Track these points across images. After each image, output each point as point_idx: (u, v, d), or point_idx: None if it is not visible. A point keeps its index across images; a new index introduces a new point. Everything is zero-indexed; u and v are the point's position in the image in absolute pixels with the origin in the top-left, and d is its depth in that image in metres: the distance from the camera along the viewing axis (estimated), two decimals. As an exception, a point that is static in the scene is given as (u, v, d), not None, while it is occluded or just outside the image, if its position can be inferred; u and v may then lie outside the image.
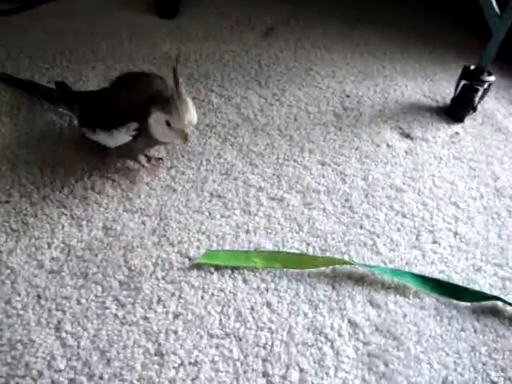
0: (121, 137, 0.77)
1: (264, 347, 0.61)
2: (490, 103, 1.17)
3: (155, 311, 0.63)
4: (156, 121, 0.72)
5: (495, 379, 0.62)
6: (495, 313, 0.70)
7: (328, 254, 0.74)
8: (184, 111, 0.70)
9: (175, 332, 0.61)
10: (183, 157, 0.87)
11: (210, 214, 0.77)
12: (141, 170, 0.84)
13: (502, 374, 0.63)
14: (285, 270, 0.70)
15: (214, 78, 1.10)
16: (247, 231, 0.75)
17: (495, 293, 0.72)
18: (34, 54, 1.13)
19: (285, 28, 1.38)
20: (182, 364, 0.58)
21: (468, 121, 1.10)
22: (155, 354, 0.59)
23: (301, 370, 0.59)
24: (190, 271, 0.68)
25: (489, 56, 1.06)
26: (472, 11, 1.05)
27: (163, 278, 0.67)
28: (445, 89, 1.19)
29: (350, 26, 1.44)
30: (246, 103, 1.03)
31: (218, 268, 0.69)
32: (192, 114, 0.72)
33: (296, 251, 0.73)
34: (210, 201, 0.80)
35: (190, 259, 0.70)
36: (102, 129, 0.78)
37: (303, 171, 0.88)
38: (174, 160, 0.87)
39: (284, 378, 0.58)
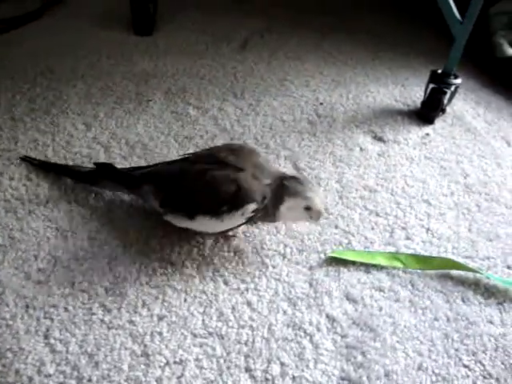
0: (232, 221, 0.71)
1: (246, 344, 0.64)
2: (458, 105, 1.22)
3: (140, 314, 0.66)
4: (291, 207, 0.71)
5: (467, 363, 0.66)
6: (467, 301, 0.73)
7: (304, 253, 0.77)
8: (321, 195, 0.73)
9: (160, 333, 0.64)
10: (163, 168, 0.90)
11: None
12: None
13: (473, 357, 0.66)
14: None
15: (191, 92, 1.14)
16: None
17: (465, 284, 0.76)
18: (16, 75, 1.15)
19: (259, 41, 1.42)
20: (167, 363, 0.61)
21: (438, 122, 1.14)
22: (141, 355, 0.61)
23: (282, 364, 0.62)
24: (173, 276, 0.71)
25: (454, 60, 1.11)
26: (439, 17, 1.09)
27: (147, 283, 0.70)
28: (415, 93, 1.24)
29: (322, 35, 1.48)
30: (222, 114, 1.07)
31: (199, 271, 0.72)
32: (322, 194, 0.73)
33: (274, 253, 0.77)
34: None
35: (172, 264, 0.73)
36: (208, 214, 0.70)
37: (279, 177, 0.91)
38: (154, 171, 0.89)
39: (266, 372, 0.61)
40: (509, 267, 0.80)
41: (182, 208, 0.72)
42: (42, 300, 0.67)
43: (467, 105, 1.24)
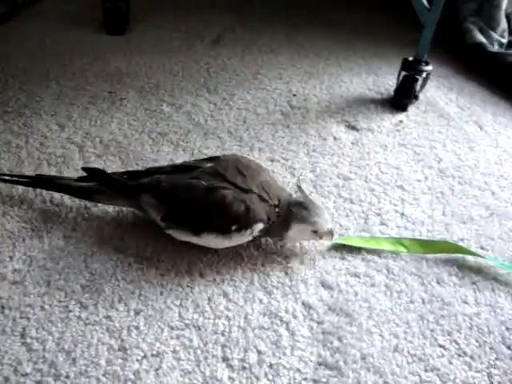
0: (240, 239, 0.72)
1: (222, 334, 0.64)
2: (431, 91, 1.23)
3: (117, 310, 0.66)
4: (298, 232, 0.73)
5: (442, 343, 0.66)
6: (442, 283, 0.74)
7: (279, 243, 0.78)
8: (326, 216, 0.74)
9: (137, 327, 0.64)
10: (137, 164, 0.90)
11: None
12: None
13: (449, 337, 0.67)
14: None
15: (164, 89, 1.14)
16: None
17: (440, 266, 0.77)
18: (-13, 79, 1.15)
19: (232, 36, 1.43)
20: (144, 356, 0.61)
21: (412, 109, 1.16)
22: (119, 350, 0.62)
23: (259, 352, 0.63)
24: (149, 270, 0.71)
25: (424, 47, 1.12)
26: (409, 7, 1.11)
27: (123, 279, 0.70)
28: (388, 81, 1.25)
29: (295, 29, 1.49)
30: (196, 110, 1.07)
31: (175, 264, 0.72)
32: (327, 215, 0.74)
33: (249, 244, 0.77)
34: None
35: (147, 259, 0.73)
36: (215, 232, 0.71)
37: (253, 169, 0.91)
38: (128, 168, 0.89)
39: (243, 360, 0.62)
40: (482, 248, 0.82)
41: (187, 223, 0.71)
42: (18, 300, 0.67)
43: (440, 91, 1.25)
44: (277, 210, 0.72)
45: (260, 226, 0.71)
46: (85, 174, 0.78)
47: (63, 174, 0.87)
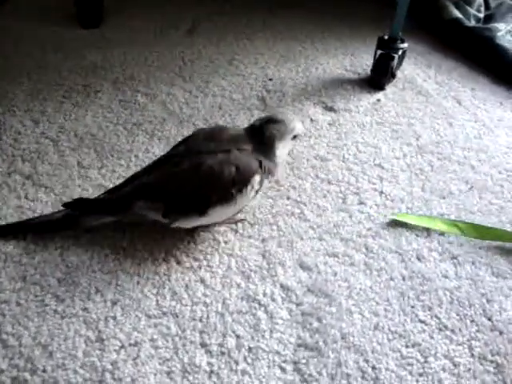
0: (244, 200, 0.72)
1: (200, 320, 0.64)
2: (409, 69, 1.23)
3: (94, 301, 0.65)
4: (284, 146, 0.76)
5: (423, 318, 0.67)
6: (422, 259, 0.74)
7: (256, 226, 0.77)
8: (293, 116, 0.79)
9: (114, 318, 0.64)
10: (112, 156, 0.89)
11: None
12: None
13: (429, 312, 0.67)
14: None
15: (139, 80, 1.12)
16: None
17: (420, 242, 0.77)
18: (-41, 78, 1.13)
19: (208, 24, 1.41)
20: (122, 346, 0.61)
21: (390, 88, 1.15)
22: (96, 341, 0.61)
23: (237, 337, 0.62)
24: (125, 260, 0.71)
25: (398, 25, 1.11)
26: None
27: (99, 270, 0.69)
28: (365, 61, 1.24)
29: (270, 14, 1.48)
30: (171, 99, 1.06)
31: (151, 253, 0.72)
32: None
33: (226, 229, 0.76)
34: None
35: (124, 249, 0.72)
36: (219, 203, 0.70)
37: (229, 154, 0.91)
38: (103, 160, 0.88)
39: (221, 345, 0.61)
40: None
41: (190, 208, 0.70)
42: (-7, 297, 0.66)
43: (418, 68, 1.25)
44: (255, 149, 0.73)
45: (257, 177, 0.71)
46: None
47: (38, 170, 0.86)
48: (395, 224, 0.80)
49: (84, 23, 1.38)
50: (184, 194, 0.69)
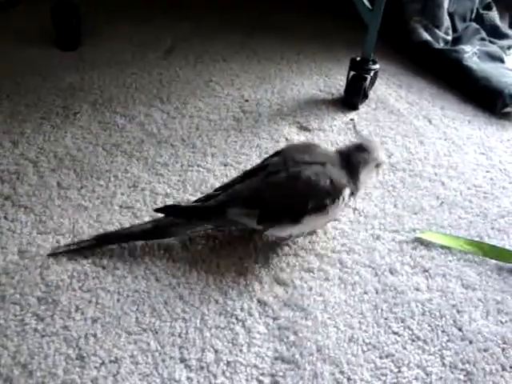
0: (335, 211, 0.76)
1: (179, 336, 0.65)
2: (381, 89, 1.27)
3: (74, 319, 0.66)
4: (366, 173, 0.79)
5: (396, 329, 0.69)
6: (395, 273, 0.77)
7: (234, 244, 0.79)
8: (379, 146, 0.82)
9: (94, 335, 0.65)
10: (92, 176, 0.91)
11: (120, 224, 0.81)
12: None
13: (402, 324, 0.70)
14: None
15: (117, 101, 1.14)
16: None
17: (393, 256, 0.79)
18: None
19: (185, 46, 1.43)
20: (103, 363, 0.62)
21: (362, 107, 1.19)
22: (76, 358, 0.62)
23: (216, 351, 0.64)
24: (105, 278, 0.72)
25: (369, 47, 1.15)
26: (355, 7, 1.13)
27: (80, 288, 0.70)
28: (339, 82, 1.28)
29: (247, 35, 1.51)
30: (149, 120, 1.08)
31: (131, 271, 0.73)
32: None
33: (204, 247, 0.78)
34: (119, 212, 0.83)
35: (103, 268, 0.73)
36: (314, 212, 0.73)
37: (207, 174, 0.93)
38: (83, 180, 0.89)
39: (200, 360, 0.63)
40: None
41: (284, 216, 0.73)
42: (-28, 318, 0.66)
43: (390, 89, 1.29)
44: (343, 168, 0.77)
45: (347, 190, 0.76)
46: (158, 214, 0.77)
47: (17, 191, 0.86)
48: (368, 239, 0.82)
49: (62, 46, 1.39)
50: (281, 202, 0.73)
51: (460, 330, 0.70)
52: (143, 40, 1.45)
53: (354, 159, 0.77)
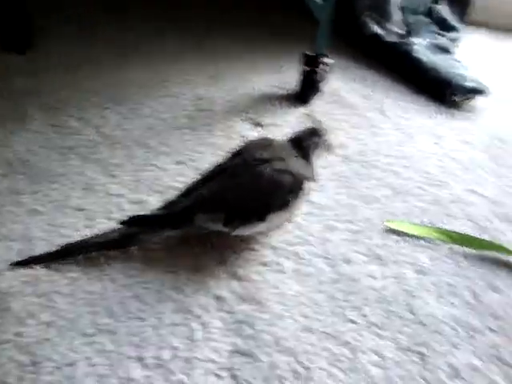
0: (297, 206, 0.78)
1: (136, 335, 0.65)
2: (335, 83, 1.29)
3: (27, 325, 0.65)
4: (318, 156, 0.82)
5: (352, 317, 0.70)
6: (349, 262, 0.78)
7: (189, 243, 0.79)
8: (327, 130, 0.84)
9: (48, 340, 0.64)
10: (45, 180, 0.89)
11: (74, 226, 0.80)
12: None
13: (358, 311, 0.71)
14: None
15: (72, 105, 1.12)
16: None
17: (347, 246, 0.81)
18: None
19: (140, 46, 1.43)
20: (57, 367, 0.61)
21: (317, 101, 1.20)
22: (30, 365, 0.61)
23: (173, 348, 0.64)
24: (59, 282, 0.71)
25: (321, 41, 1.16)
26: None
27: (33, 293, 0.69)
28: (293, 77, 1.28)
29: (200, 35, 1.52)
30: (104, 122, 1.07)
31: (85, 272, 0.72)
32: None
33: (158, 246, 0.78)
34: (74, 216, 0.82)
35: (57, 271, 0.73)
36: (278, 210, 0.75)
37: (161, 173, 0.93)
38: (36, 185, 0.88)
39: (157, 358, 0.63)
40: (385, 222, 0.87)
41: (250, 216, 0.74)
42: None
43: (343, 82, 1.31)
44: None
45: (307, 184, 0.77)
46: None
47: None
48: (323, 231, 0.83)
49: (11, 48, 1.36)
50: (245, 203, 0.73)
51: (414, 314, 0.71)
52: (96, 42, 1.44)
53: (304, 143, 0.79)
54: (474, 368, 0.65)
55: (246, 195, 0.74)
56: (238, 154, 0.80)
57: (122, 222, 0.75)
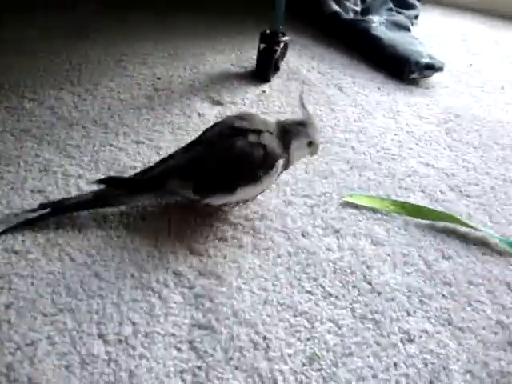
0: (268, 181, 0.78)
1: (96, 312, 0.65)
2: (293, 61, 1.30)
3: (-15, 308, 0.65)
4: (298, 147, 0.79)
5: (309, 289, 0.72)
6: (306, 236, 0.80)
7: (147, 219, 0.80)
8: (318, 129, 0.81)
9: (8, 321, 0.64)
10: (0, 163, 0.88)
11: (32, 208, 0.80)
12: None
13: (315, 283, 0.73)
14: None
15: (25, 86, 1.11)
16: (71, 216, 0.79)
17: (304, 220, 0.82)
18: None
19: (95, 26, 1.41)
20: (18, 348, 0.61)
21: (275, 79, 1.21)
22: (-11, 346, 0.61)
23: (133, 324, 0.64)
24: (18, 264, 0.71)
25: (278, 19, 1.17)
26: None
27: (-10, 276, 0.69)
28: (251, 55, 1.29)
29: (158, 15, 1.51)
30: (59, 103, 1.06)
31: (45, 253, 0.72)
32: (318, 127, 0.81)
33: (118, 224, 0.78)
34: (31, 197, 0.82)
35: (16, 253, 0.72)
36: (248, 183, 0.75)
37: (119, 153, 0.93)
38: (-11, 168, 0.87)
39: (118, 334, 0.63)
40: (343, 197, 0.88)
41: (219, 186, 0.75)
42: None
43: (301, 60, 1.32)
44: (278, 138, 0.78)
45: (281, 161, 0.77)
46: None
47: None
48: (280, 206, 0.85)
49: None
50: (214, 173, 0.75)
51: (369, 283, 0.74)
52: (50, 23, 1.42)
53: (288, 131, 0.79)
54: (426, 332, 0.68)
55: (215, 166, 0.75)
56: (217, 124, 0.81)
57: (98, 181, 0.77)
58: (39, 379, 0.58)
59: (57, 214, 0.78)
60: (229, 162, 0.75)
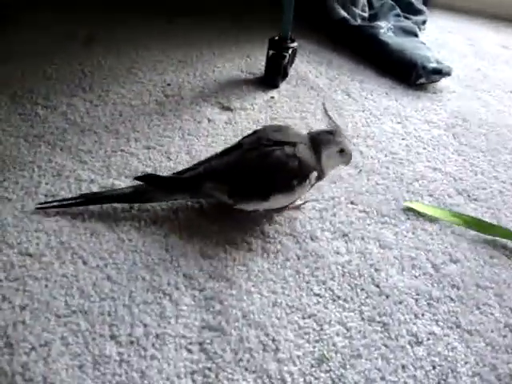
0: (302, 192, 0.80)
1: (109, 314, 0.67)
2: (302, 67, 1.31)
3: (1, 309, 0.66)
4: (328, 156, 0.80)
5: (318, 291, 0.73)
6: (315, 239, 0.81)
7: (159, 223, 0.81)
8: (347, 136, 0.81)
9: (23, 322, 0.65)
10: (15, 168, 0.90)
11: (46, 212, 0.81)
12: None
13: (323, 285, 0.74)
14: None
15: (38, 93, 1.13)
16: (83, 220, 0.81)
17: (313, 224, 0.83)
18: None
19: (106, 34, 1.43)
20: (32, 348, 0.62)
21: (283, 85, 1.23)
22: (5, 347, 0.62)
23: (144, 326, 0.66)
24: (32, 266, 0.72)
25: (287, 25, 1.19)
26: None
27: (6, 278, 0.70)
28: (260, 62, 1.31)
29: (169, 22, 1.52)
30: (72, 109, 1.08)
31: (58, 257, 0.74)
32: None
33: (129, 227, 0.80)
34: (45, 201, 0.83)
35: (30, 256, 0.74)
36: (281, 191, 0.78)
37: (130, 158, 0.94)
38: (6, 173, 0.89)
39: (130, 335, 0.65)
40: (352, 202, 0.89)
41: (254, 192, 0.78)
42: None
43: (310, 66, 1.33)
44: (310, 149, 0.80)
45: (315, 173, 0.79)
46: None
47: None
48: (289, 210, 0.86)
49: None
50: (249, 180, 0.77)
51: (377, 286, 0.74)
52: (63, 29, 1.43)
53: (318, 140, 0.80)
54: (435, 335, 0.68)
55: (250, 173, 0.77)
56: (255, 133, 0.83)
57: (136, 178, 0.81)
58: (53, 379, 0.60)
59: (94, 203, 0.83)
60: (265, 170, 0.77)
